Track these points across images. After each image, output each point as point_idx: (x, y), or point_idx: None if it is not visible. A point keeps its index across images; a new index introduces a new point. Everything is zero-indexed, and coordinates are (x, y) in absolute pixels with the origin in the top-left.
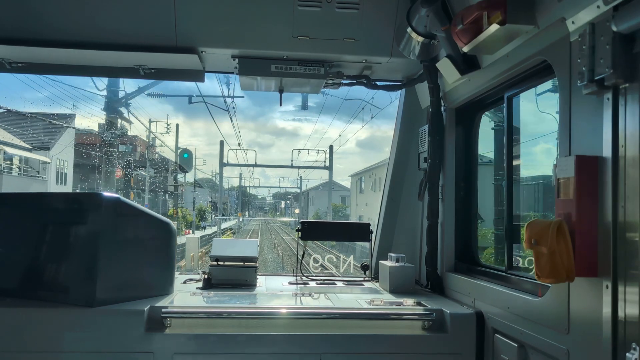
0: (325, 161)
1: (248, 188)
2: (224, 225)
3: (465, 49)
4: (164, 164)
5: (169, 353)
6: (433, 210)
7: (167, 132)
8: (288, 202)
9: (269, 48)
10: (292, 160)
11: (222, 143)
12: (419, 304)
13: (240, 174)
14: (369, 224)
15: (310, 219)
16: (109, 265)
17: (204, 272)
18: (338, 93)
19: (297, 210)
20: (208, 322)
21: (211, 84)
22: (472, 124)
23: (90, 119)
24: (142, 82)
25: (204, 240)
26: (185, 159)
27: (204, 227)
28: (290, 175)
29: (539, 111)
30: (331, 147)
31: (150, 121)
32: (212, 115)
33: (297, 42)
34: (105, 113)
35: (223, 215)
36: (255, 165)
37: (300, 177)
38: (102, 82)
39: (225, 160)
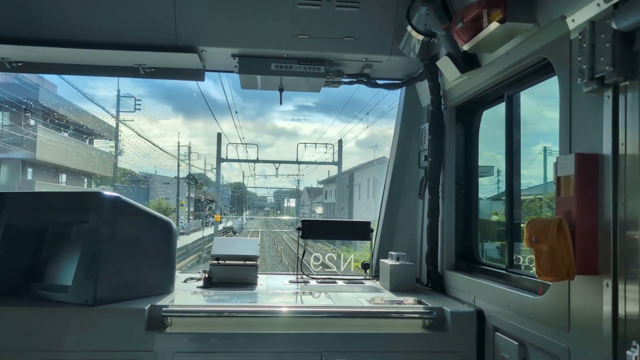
0: (333, 155)
1: (247, 181)
2: (203, 234)
3: (465, 47)
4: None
5: (170, 352)
6: (433, 208)
7: None
8: (304, 191)
9: (269, 47)
10: (297, 155)
11: (219, 135)
12: (419, 302)
13: (243, 172)
14: (369, 222)
15: None
16: (109, 264)
17: (204, 271)
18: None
19: (318, 210)
20: (209, 321)
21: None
22: (472, 122)
23: None
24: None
25: None
26: None
27: None
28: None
29: None
30: (340, 142)
31: None
32: (212, 114)
33: (297, 41)
34: None
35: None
36: (257, 161)
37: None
38: None
39: (223, 156)
